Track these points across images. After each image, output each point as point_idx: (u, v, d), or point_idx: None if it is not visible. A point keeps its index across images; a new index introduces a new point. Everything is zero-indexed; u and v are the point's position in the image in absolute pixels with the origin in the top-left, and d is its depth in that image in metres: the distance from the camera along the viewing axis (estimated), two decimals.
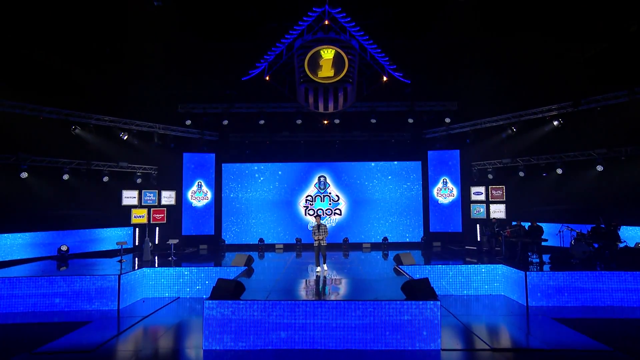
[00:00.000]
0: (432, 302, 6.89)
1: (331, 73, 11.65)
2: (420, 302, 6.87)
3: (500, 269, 10.88)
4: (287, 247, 16.35)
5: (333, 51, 11.19)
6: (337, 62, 11.41)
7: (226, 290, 6.98)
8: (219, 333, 6.85)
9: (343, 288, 8.82)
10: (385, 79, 11.06)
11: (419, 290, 7.11)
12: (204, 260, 13.76)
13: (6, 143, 12.08)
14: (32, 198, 13.11)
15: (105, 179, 14.73)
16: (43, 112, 12.26)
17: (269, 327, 6.86)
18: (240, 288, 7.19)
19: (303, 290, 8.54)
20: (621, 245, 10.51)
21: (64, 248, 13.59)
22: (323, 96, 11.96)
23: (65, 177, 13.60)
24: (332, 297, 7.79)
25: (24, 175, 12.43)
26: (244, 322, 6.87)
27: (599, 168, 12.81)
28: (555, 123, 12.65)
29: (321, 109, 11.94)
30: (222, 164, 17.18)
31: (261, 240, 16.52)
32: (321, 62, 11.48)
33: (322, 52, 11.27)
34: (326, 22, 10.12)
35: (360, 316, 6.86)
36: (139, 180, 15.60)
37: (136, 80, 13.24)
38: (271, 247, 16.40)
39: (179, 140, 16.11)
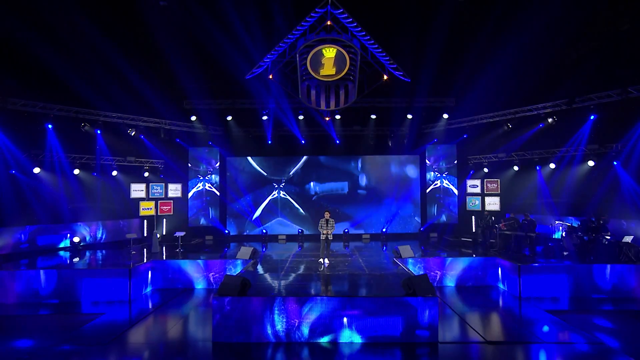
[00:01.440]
0: (431, 297, 6.95)
1: (333, 71, 11.51)
2: (420, 298, 6.93)
3: (495, 261, 10.95)
4: (290, 238, 16.44)
5: (335, 50, 11.04)
6: (338, 60, 11.26)
7: (233, 287, 7.02)
8: (227, 327, 6.92)
9: (345, 282, 8.87)
10: (385, 77, 10.95)
11: (418, 286, 7.16)
12: (210, 251, 13.85)
13: (20, 140, 12.03)
14: (45, 192, 13.10)
15: (114, 173, 14.71)
16: (53, 110, 12.17)
17: (275, 321, 6.94)
18: (247, 285, 7.24)
19: (306, 285, 8.57)
20: (610, 238, 10.56)
21: (76, 239, 13.67)
22: (325, 93, 11.87)
23: (76, 171, 13.58)
24: (335, 293, 7.84)
25: (37, 170, 12.43)
26: (251, 317, 6.94)
27: (591, 163, 12.80)
28: (550, 120, 12.58)
29: (323, 106, 11.85)
30: (227, 158, 17.14)
31: (265, 231, 16.59)
32: (323, 61, 11.33)
33: (324, 51, 11.13)
34: (328, 23, 9.97)
35: (363, 311, 6.92)
36: (146, 174, 15.58)
37: (143, 77, 13.10)
38: (274, 238, 16.48)
39: (184, 135, 16.02)
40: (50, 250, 13.16)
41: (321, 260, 10.36)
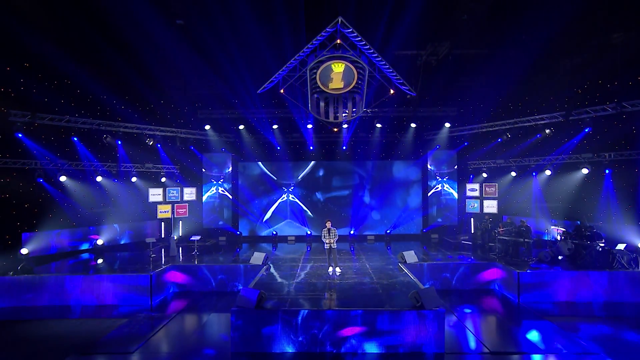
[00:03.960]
0: (437, 310, 6.89)
1: (341, 85, 11.33)
2: (428, 311, 6.87)
3: (495, 266, 10.88)
4: (298, 239, 16.42)
5: (343, 65, 10.87)
6: (346, 75, 11.08)
7: (250, 300, 6.99)
8: (245, 338, 6.91)
9: (355, 293, 8.60)
10: (392, 91, 10.78)
11: (425, 298, 7.10)
12: (223, 253, 13.81)
13: (49, 150, 12.02)
14: (71, 197, 13.08)
15: (134, 179, 14.67)
16: (77, 123, 12.12)
17: (290, 332, 6.91)
18: (263, 298, 7.21)
19: (319, 296, 8.39)
20: (603, 245, 10.42)
21: (99, 242, 13.72)
22: (333, 105, 11.75)
23: (99, 178, 13.54)
24: (346, 305, 7.72)
25: (63, 178, 12.42)
26: (267, 328, 6.92)
27: (585, 171, 12.61)
28: (547, 131, 12.38)
29: (331, 118, 11.72)
30: (239, 163, 17.06)
31: (275, 232, 16.56)
32: (332, 75, 11.14)
33: (333, 66, 10.95)
34: (338, 41, 9.79)
35: (373, 323, 6.88)
36: (163, 179, 15.54)
37: (161, 89, 13.03)
38: (283, 239, 16.44)
39: (198, 143, 15.94)
40: (76, 253, 13.19)
41: (330, 269, 10.27)
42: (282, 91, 11.02)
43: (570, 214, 13.12)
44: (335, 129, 13.77)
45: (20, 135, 11.02)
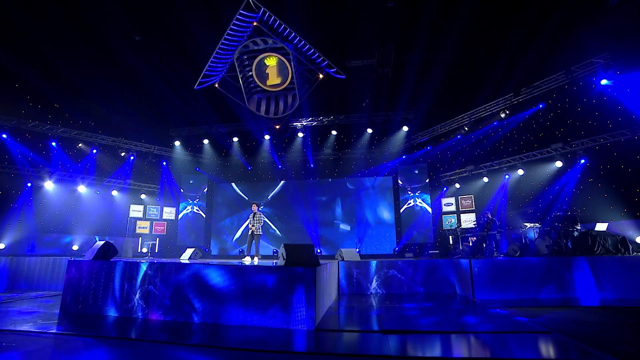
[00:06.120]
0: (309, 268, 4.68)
1: (278, 80, 10.47)
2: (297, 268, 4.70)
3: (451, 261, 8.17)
4: (265, 257, 14.20)
5: (275, 58, 10.08)
6: (281, 69, 10.25)
7: (92, 252, 5.21)
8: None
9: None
10: (321, 76, 9.62)
11: (297, 256, 4.96)
12: None
13: (33, 156, 11.77)
14: (50, 205, 12.38)
15: (114, 192, 13.91)
16: (58, 131, 12.03)
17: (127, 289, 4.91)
18: (109, 250, 5.40)
19: None
20: (580, 229, 7.56)
21: (75, 248, 12.57)
22: (274, 102, 10.73)
23: (81, 189, 12.90)
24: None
25: (47, 184, 11.91)
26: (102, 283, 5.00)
27: (559, 164, 10.09)
28: (503, 115, 10.33)
29: (271, 114, 10.61)
30: (214, 184, 15.99)
31: (242, 250, 14.59)
32: (267, 70, 10.37)
33: (266, 60, 10.21)
34: (254, 24, 9.12)
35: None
36: (142, 196, 14.69)
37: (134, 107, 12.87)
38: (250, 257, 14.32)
39: (172, 160, 15.25)
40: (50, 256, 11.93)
41: (248, 259, 8.25)
42: (216, 85, 10.24)
43: (547, 211, 10.24)
44: (277, 126, 12.50)
45: None
